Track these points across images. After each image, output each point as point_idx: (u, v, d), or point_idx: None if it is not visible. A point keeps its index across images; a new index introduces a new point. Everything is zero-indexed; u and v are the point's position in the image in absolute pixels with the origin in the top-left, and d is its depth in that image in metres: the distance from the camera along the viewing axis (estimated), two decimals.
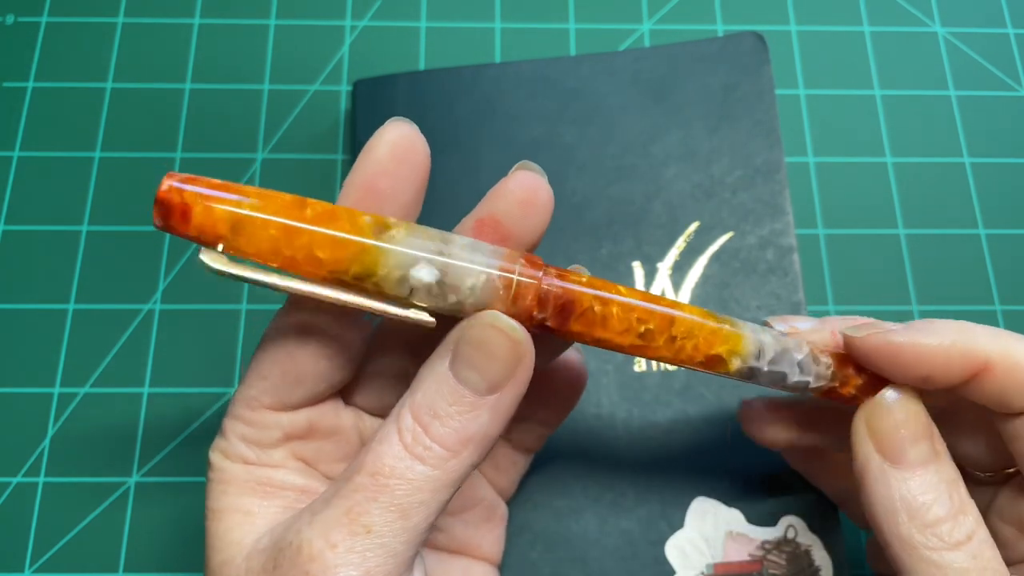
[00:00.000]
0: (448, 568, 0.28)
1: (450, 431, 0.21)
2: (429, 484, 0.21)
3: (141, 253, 0.38)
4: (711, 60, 0.39)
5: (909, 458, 0.23)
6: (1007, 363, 0.24)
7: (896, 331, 0.24)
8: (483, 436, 0.22)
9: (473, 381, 0.21)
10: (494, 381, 0.21)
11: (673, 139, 0.37)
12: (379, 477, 0.21)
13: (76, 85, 0.41)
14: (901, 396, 0.24)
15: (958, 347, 0.24)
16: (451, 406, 0.21)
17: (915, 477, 0.23)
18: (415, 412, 0.21)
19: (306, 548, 0.21)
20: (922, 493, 0.23)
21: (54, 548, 0.34)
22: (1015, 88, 0.42)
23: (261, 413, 0.24)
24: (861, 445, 0.24)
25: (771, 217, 0.36)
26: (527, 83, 0.38)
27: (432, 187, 0.37)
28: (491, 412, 0.22)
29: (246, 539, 0.23)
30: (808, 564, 0.32)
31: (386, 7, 0.43)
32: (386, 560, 0.21)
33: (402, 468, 0.21)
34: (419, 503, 0.21)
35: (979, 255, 0.39)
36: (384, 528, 0.21)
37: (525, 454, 0.30)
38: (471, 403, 0.21)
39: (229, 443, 0.24)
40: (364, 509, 0.21)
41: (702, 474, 0.33)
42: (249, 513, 0.24)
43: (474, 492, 0.29)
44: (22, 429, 0.36)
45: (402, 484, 0.21)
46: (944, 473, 0.23)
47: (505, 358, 0.21)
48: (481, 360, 0.21)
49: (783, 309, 0.35)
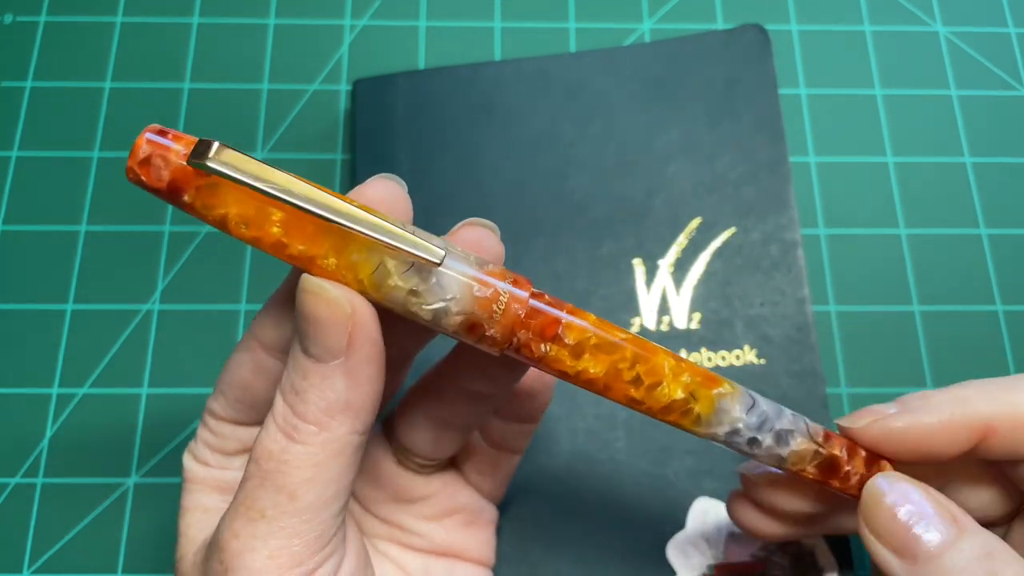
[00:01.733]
0: (430, 568, 0.28)
1: (310, 405, 0.21)
2: (308, 460, 0.21)
3: (140, 253, 0.38)
4: (713, 54, 0.38)
5: (926, 549, 0.22)
6: (1011, 423, 0.24)
7: (894, 415, 0.24)
8: (346, 404, 0.21)
9: (314, 351, 0.21)
10: (331, 346, 0.21)
11: (675, 134, 0.37)
12: (261, 462, 0.21)
13: (75, 85, 0.41)
14: (890, 482, 0.23)
15: (957, 420, 0.24)
16: (305, 380, 0.21)
17: (940, 568, 0.22)
18: (282, 392, 0.22)
19: (219, 539, 0.22)
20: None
21: (53, 549, 0.34)
22: (1016, 88, 0.42)
23: (220, 424, 0.25)
24: (874, 548, 0.23)
25: (775, 212, 0.36)
26: (527, 80, 0.38)
27: (432, 187, 0.37)
28: (343, 378, 0.21)
29: (200, 535, 0.24)
30: (812, 565, 0.32)
31: (386, 6, 0.43)
32: (289, 541, 0.21)
33: (278, 450, 0.21)
34: (304, 481, 0.21)
35: (980, 255, 0.39)
36: (275, 511, 0.21)
37: (508, 455, 0.29)
38: (320, 373, 0.21)
39: (197, 446, 0.26)
40: (255, 496, 0.21)
41: (703, 474, 0.33)
42: (207, 511, 0.25)
43: (452, 501, 0.29)
44: (20, 430, 0.36)
45: (281, 466, 0.21)
46: (972, 549, 0.22)
47: (331, 321, 0.21)
48: (312, 329, 0.21)
49: (788, 305, 0.35)
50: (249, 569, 0.21)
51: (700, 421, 0.23)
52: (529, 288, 0.22)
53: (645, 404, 0.22)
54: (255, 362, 0.24)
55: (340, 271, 0.21)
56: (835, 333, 0.37)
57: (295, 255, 0.21)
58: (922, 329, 0.37)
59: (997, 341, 0.37)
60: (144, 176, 0.21)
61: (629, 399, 0.22)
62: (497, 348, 0.22)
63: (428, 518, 0.28)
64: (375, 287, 0.21)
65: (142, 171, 0.21)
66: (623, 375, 0.22)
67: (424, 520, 0.28)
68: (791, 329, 0.35)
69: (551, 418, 0.34)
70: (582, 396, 0.34)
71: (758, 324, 0.35)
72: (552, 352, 0.22)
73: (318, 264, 0.21)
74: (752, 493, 0.28)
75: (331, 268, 0.21)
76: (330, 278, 0.21)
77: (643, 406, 0.22)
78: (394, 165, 0.37)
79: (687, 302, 0.35)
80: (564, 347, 0.22)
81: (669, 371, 0.22)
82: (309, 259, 0.21)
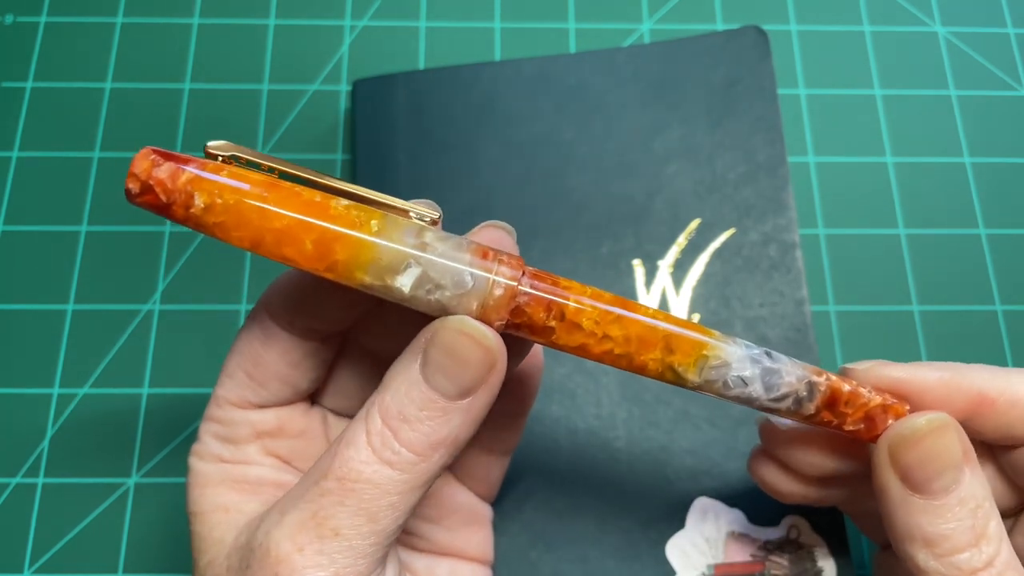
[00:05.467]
0: (434, 569, 0.28)
1: (420, 436, 0.21)
2: (398, 488, 0.21)
3: (140, 253, 0.38)
4: (712, 55, 0.38)
5: (932, 488, 0.23)
6: (1005, 396, 0.24)
7: (895, 365, 0.25)
8: (453, 440, 0.21)
9: (444, 386, 0.21)
10: (466, 387, 0.21)
11: (674, 135, 0.37)
12: (346, 481, 0.21)
13: (75, 85, 0.41)
14: (932, 427, 0.23)
15: (955, 382, 0.24)
16: (421, 411, 0.21)
17: (936, 507, 0.23)
18: (384, 415, 0.21)
19: (274, 550, 0.21)
20: (943, 523, 0.23)
21: (53, 549, 0.34)
22: (1015, 88, 0.42)
23: (229, 410, 0.25)
24: (882, 471, 0.24)
25: (774, 213, 0.36)
26: (527, 81, 0.38)
27: (432, 187, 0.37)
28: (462, 417, 0.21)
29: (228, 537, 0.23)
30: (811, 565, 0.32)
31: (386, 7, 0.43)
32: (355, 561, 0.21)
33: (370, 472, 0.21)
34: (387, 506, 0.21)
35: (979, 255, 0.39)
36: (352, 531, 0.21)
37: (500, 456, 0.29)
38: (442, 408, 0.21)
39: (203, 444, 0.25)
40: (331, 512, 0.21)
41: (703, 474, 0.33)
42: (228, 510, 0.24)
43: (452, 500, 0.29)
44: (21, 430, 0.36)
45: (369, 488, 0.21)
46: (967, 498, 0.23)
47: (477, 364, 0.21)
48: (452, 366, 0.21)
49: (786, 306, 0.35)
50: None
51: (694, 367, 0.23)
52: (521, 263, 0.22)
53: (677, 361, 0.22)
54: (265, 332, 0.24)
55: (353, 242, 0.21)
56: (835, 333, 0.37)
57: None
58: (921, 329, 0.37)
59: (996, 341, 0.37)
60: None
61: (666, 366, 0.23)
62: (503, 322, 0.22)
63: (428, 519, 0.28)
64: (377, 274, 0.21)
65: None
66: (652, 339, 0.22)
67: (425, 522, 0.28)
68: (790, 330, 0.35)
69: (551, 418, 0.34)
70: (582, 396, 0.34)
71: (757, 325, 0.35)
72: (548, 337, 0.22)
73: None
74: (772, 448, 0.28)
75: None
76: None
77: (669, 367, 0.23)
78: (394, 165, 0.37)
79: (686, 303, 0.35)
80: (555, 332, 0.22)
81: (659, 335, 0.22)
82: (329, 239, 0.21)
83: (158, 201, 0.21)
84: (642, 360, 0.22)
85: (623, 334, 0.22)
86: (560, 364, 0.34)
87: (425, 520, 0.28)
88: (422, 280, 0.21)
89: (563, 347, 0.22)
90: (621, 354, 0.22)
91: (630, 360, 0.22)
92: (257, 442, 0.25)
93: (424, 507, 0.28)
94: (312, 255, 0.21)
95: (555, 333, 0.22)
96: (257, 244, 0.21)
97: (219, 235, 0.21)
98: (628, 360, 0.22)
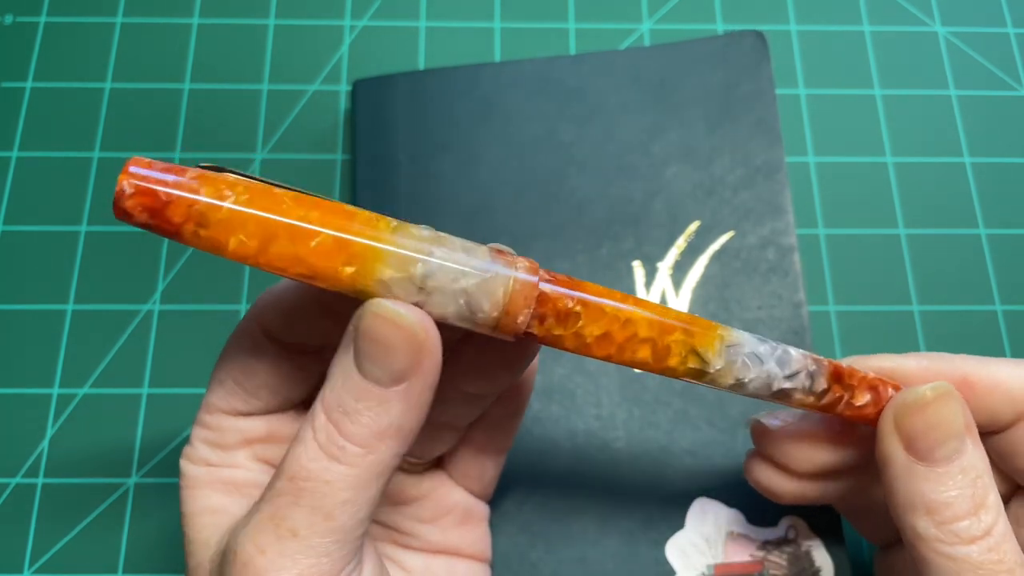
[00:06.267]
0: (430, 566, 0.28)
1: (362, 428, 0.21)
2: (348, 482, 0.21)
3: (140, 253, 0.38)
4: (711, 59, 0.39)
5: (935, 456, 0.23)
6: (985, 380, 0.25)
7: (876, 358, 0.25)
8: (398, 428, 0.21)
9: (374, 374, 0.21)
10: (397, 372, 0.21)
11: (673, 138, 0.37)
12: (297, 480, 0.21)
13: (75, 85, 0.41)
14: (937, 394, 0.24)
15: (936, 366, 0.25)
16: (359, 402, 0.21)
17: (939, 474, 0.23)
18: (326, 410, 0.21)
19: (240, 553, 0.21)
20: (945, 491, 0.23)
21: (53, 549, 0.34)
22: (1015, 88, 0.42)
23: (219, 417, 0.25)
24: (887, 440, 0.24)
25: (772, 216, 0.36)
26: (527, 82, 0.38)
27: (432, 187, 0.37)
28: (402, 403, 0.21)
29: (213, 539, 0.23)
30: (809, 565, 0.32)
31: (385, 7, 0.43)
32: (318, 560, 0.21)
33: (319, 469, 0.21)
34: (342, 503, 0.21)
35: (979, 255, 0.39)
36: (308, 531, 0.21)
37: (495, 456, 0.29)
38: (379, 396, 0.21)
39: (194, 448, 0.25)
40: (287, 513, 0.21)
41: (703, 474, 0.33)
42: (216, 512, 0.24)
43: (447, 499, 0.29)
44: (21, 430, 0.36)
45: (320, 486, 0.21)
46: (969, 467, 0.23)
47: (402, 348, 0.20)
48: (378, 353, 0.20)
49: (784, 309, 0.35)
50: None
51: (714, 348, 0.23)
52: (536, 267, 0.22)
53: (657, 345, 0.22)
54: (255, 344, 0.24)
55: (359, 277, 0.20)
56: (834, 333, 0.37)
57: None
58: (921, 329, 0.38)
59: (996, 341, 0.37)
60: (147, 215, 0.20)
61: (643, 349, 0.22)
62: (513, 332, 0.21)
63: (423, 520, 0.28)
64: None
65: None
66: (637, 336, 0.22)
67: (418, 522, 0.28)
68: (787, 333, 0.35)
69: (551, 419, 0.34)
70: (582, 396, 0.34)
71: (755, 327, 0.35)
72: (573, 327, 0.22)
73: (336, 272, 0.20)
74: (765, 448, 0.28)
75: (346, 277, 0.20)
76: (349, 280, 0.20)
77: (653, 346, 0.23)
78: (394, 165, 0.37)
79: (686, 304, 0.35)
80: (581, 319, 0.22)
81: (673, 318, 0.23)
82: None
83: None
84: (666, 343, 0.22)
85: (645, 319, 0.22)
86: (560, 364, 0.34)
87: (418, 520, 0.28)
88: (439, 277, 0.21)
89: (587, 337, 0.22)
90: (646, 338, 0.22)
91: (655, 345, 0.22)
92: (247, 448, 0.25)
93: (416, 508, 0.28)
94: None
95: (581, 320, 0.22)
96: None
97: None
98: (653, 346, 0.22)
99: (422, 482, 0.28)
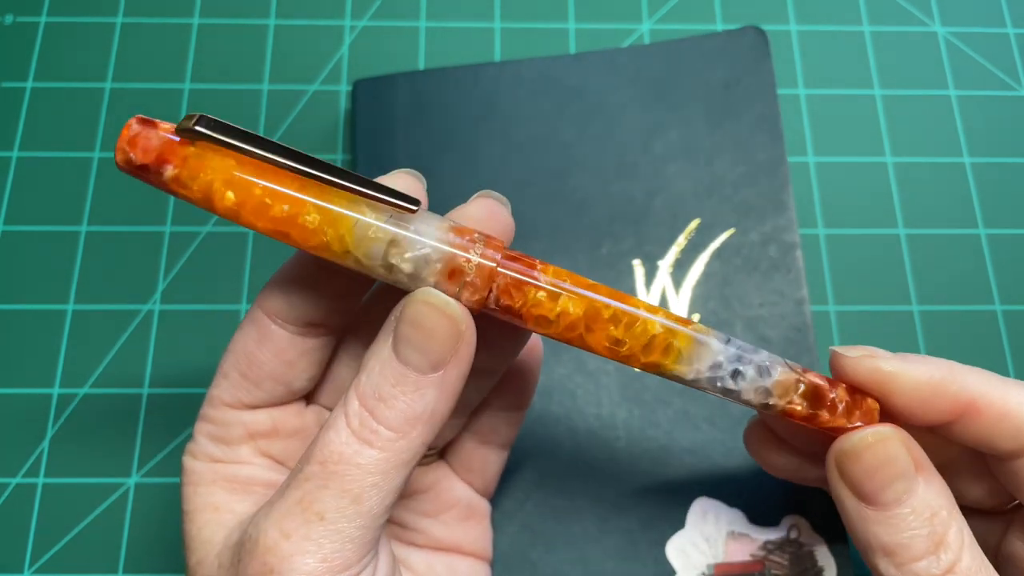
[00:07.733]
0: (433, 564, 0.28)
1: (396, 413, 0.21)
2: (379, 467, 0.21)
3: (140, 253, 0.38)
4: (712, 56, 0.39)
5: (882, 500, 0.23)
6: (995, 407, 0.24)
7: (888, 358, 0.24)
8: (431, 415, 0.22)
9: (414, 360, 0.21)
10: (436, 359, 0.21)
11: (674, 136, 0.37)
12: (328, 464, 0.21)
13: (75, 85, 0.41)
14: (877, 439, 0.23)
15: (946, 384, 0.24)
16: (395, 387, 0.21)
17: (888, 517, 0.23)
18: (361, 396, 0.22)
19: (263, 539, 0.21)
20: (897, 533, 0.23)
21: (54, 549, 0.34)
22: (1015, 88, 0.42)
23: (223, 410, 0.25)
24: (835, 485, 0.24)
25: (773, 213, 0.36)
26: (527, 82, 0.38)
27: (432, 187, 0.37)
28: (436, 390, 0.22)
29: (217, 536, 0.24)
30: (811, 565, 0.32)
31: (386, 7, 0.43)
32: (343, 545, 0.21)
33: (350, 453, 0.21)
34: (371, 486, 0.21)
35: (979, 255, 0.39)
36: (337, 514, 0.21)
37: (498, 450, 0.30)
38: (415, 383, 0.21)
39: (197, 444, 0.25)
40: (316, 496, 0.21)
41: (703, 474, 0.33)
42: (218, 509, 0.24)
43: (449, 494, 0.29)
44: (21, 430, 0.36)
45: (351, 469, 0.21)
46: (921, 507, 0.23)
47: (444, 335, 0.21)
48: (420, 339, 0.21)
49: (786, 306, 0.35)
50: (299, 572, 0.21)
51: (682, 357, 0.23)
52: (499, 241, 0.22)
53: (627, 344, 0.22)
54: (260, 331, 0.24)
55: (322, 227, 0.21)
56: (834, 333, 0.37)
57: (279, 216, 0.21)
58: (921, 329, 0.38)
59: (996, 341, 0.37)
60: (132, 153, 0.21)
61: (612, 340, 0.22)
62: (478, 297, 0.22)
63: (426, 514, 0.28)
64: (356, 241, 0.21)
65: (131, 149, 0.21)
66: (602, 313, 0.22)
67: (423, 516, 0.28)
68: (789, 330, 0.35)
69: (551, 418, 0.34)
70: (582, 396, 0.34)
71: (757, 325, 0.35)
72: (532, 297, 0.22)
73: (300, 222, 0.21)
74: (769, 419, 0.28)
75: (313, 224, 0.21)
76: (313, 235, 0.21)
77: (625, 346, 0.22)
78: (394, 165, 0.37)
79: (686, 303, 0.35)
80: (541, 289, 0.22)
81: (644, 309, 0.23)
82: (292, 217, 0.21)
83: None
84: (643, 326, 0.22)
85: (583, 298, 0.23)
86: (560, 364, 0.34)
87: (422, 514, 0.28)
88: (400, 255, 0.21)
89: (554, 319, 0.22)
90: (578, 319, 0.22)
91: (631, 330, 0.22)
92: (250, 443, 0.25)
93: (421, 501, 0.28)
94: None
95: (543, 299, 0.22)
96: None
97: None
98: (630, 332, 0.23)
99: (427, 474, 0.29)
